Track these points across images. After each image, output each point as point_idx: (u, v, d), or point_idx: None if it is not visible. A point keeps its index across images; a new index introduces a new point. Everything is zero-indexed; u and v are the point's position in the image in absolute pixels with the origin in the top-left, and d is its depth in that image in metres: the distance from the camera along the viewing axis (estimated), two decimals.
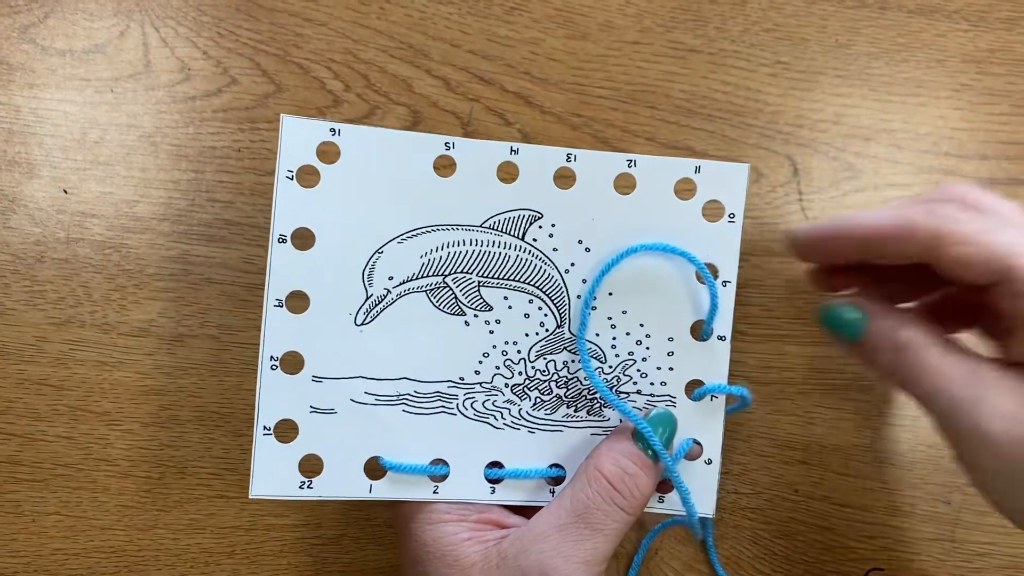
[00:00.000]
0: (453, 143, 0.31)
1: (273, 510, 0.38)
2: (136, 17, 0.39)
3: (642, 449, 0.31)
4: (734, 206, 0.32)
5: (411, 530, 0.31)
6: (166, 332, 0.38)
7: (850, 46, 0.40)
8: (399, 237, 0.32)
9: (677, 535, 0.39)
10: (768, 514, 0.39)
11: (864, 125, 0.40)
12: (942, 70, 0.40)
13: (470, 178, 0.32)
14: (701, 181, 0.32)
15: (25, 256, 0.38)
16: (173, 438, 0.38)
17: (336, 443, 0.31)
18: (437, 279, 0.32)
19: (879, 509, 0.39)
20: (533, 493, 0.33)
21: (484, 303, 0.32)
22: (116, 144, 0.39)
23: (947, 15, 0.41)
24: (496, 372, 0.32)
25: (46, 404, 0.38)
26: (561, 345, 0.33)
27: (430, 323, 0.32)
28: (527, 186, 0.32)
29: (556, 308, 0.33)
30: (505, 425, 0.33)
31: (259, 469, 0.31)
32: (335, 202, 0.31)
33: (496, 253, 0.32)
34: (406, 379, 0.32)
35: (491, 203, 0.32)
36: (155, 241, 0.38)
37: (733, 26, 0.40)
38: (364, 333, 0.31)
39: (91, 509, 0.38)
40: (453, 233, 0.32)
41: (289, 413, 0.31)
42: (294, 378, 0.31)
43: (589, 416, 0.33)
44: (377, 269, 0.32)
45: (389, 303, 0.32)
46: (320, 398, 0.31)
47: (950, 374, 0.28)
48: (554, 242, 0.32)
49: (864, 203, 0.40)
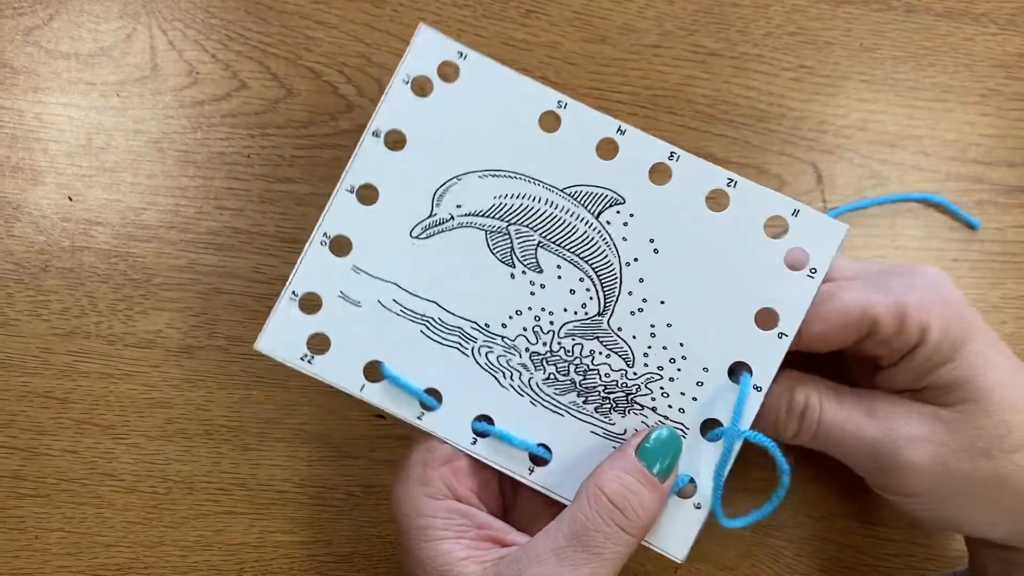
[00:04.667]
0: (566, 103, 0.31)
1: (283, 526, 0.37)
2: (143, 19, 0.38)
3: (647, 467, 0.30)
4: (819, 262, 0.31)
5: (409, 547, 0.30)
6: (173, 343, 0.37)
7: (875, 50, 0.39)
8: (481, 172, 0.32)
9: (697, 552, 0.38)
10: (790, 532, 0.38)
11: (889, 131, 0.39)
12: (969, 75, 0.39)
13: (569, 142, 0.31)
14: (795, 224, 0.31)
15: (29, 265, 0.37)
16: (180, 452, 0.37)
17: (349, 334, 0.32)
18: (501, 224, 0.32)
19: (904, 527, 0.38)
20: (510, 462, 0.32)
21: (536, 263, 0.32)
22: (122, 150, 0.38)
23: (975, 18, 0.40)
24: (522, 333, 0.32)
25: (50, 417, 0.37)
26: (594, 333, 0.32)
27: (478, 262, 0.32)
28: (621, 169, 0.31)
29: (604, 295, 0.32)
30: (511, 386, 0.32)
31: (272, 327, 0.32)
32: (437, 118, 0.31)
33: (566, 221, 0.32)
34: (436, 304, 0.32)
35: (580, 172, 0.31)
36: (162, 250, 0.37)
37: (756, 29, 0.39)
38: (415, 247, 0.32)
39: (96, 525, 0.37)
40: (532, 187, 0.32)
41: (319, 289, 0.32)
42: (337, 260, 0.32)
43: (596, 413, 0.32)
44: (450, 193, 0.32)
45: (448, 228, 0.32)
46: (352, 288, 0.32)
47: (855, 420, 0.30)
48: (626, 231, 0.31)
49: (890, 211, 0.39)
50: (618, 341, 0.32)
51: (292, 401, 0.38)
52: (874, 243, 0.39)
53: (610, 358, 0.32)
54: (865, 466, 0.31)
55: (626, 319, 0.32)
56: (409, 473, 0.31)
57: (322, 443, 0.38)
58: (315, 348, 0.32)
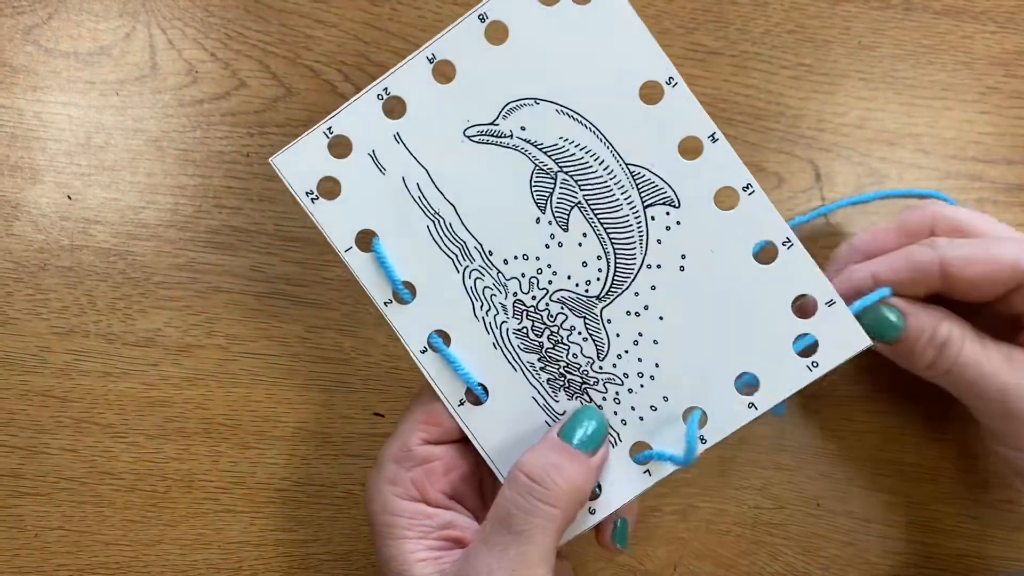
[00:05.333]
0: (677, 83, 0.30)
1: (283, 525, 0.37)
2: (142, 18, 0.38)
3: (567, 441, 0.30)
4: (824, 358, 0.30)
5: (375, 541, 0.30)
6: (172, 342, 0.37)
7: (874, 48, 0.39)
8: (562, 107, 0.30)
9: (696, 551, 0.38)
10: (790, 529, 0.38)
11: (889, 129, 0.39)
12: (969, 73, 0.39)
13: (660, 122, 0.30)
14: (824, 313, 0.30)
15: (28, 264, 0.37)
16: (179, 451, 0.37)
17: (361, 194, 0.31)
18: (553, 166, 0.30)
19: (904, 525, 0.38)
20: (447, 387, 0.31)
21: (566, 220, 0.31)
22: (121, 149, 0.38)
23: (974, 16, 0.40)
24: (518, 277, 0.31)
25: (49, 416, 0.37)
26: (584, 312, 0.31)
27: (513, 191, 0.31)
28: (693, 174, 0.30)
29: (612, 283, 0.31)
30: (483, 319, 0.31)
31: (295, 150, 0.31)
32: (548, 31, 0.30)
33: (614, 195, 0.30)
34: (454, 208, 0.31)
35: (653, 156, 0.30)
36: (161, 248, 0.37)
37: (755, 28, 0.39)
38: (462, 145, 0.31)
39: (96, 524, 0.37)
40: (601, 146, 0.30)
41: (355, 138, 0.31)
42: (385, 119, 0.31)
43: (546, 384, 0.31)
44: (521, 112, 0.30)
45: (502, 144, 0.31)
46: (385, 153, 0.31)
47: (994, 363, 0.30)
48: (664, 235, 0.30)
49: (889, 209, 0.39)
50: (601, 331, 0.31)
51: (291, 399, 0.38)
52: None
53: (586, 342, 0.31)
54: (990, 411, 0.31)
55: (619, 315, 0.31)
56: (381, 470, 0.31)
57: (321, 442, 0.38)
58: (323, 191, 0.31)
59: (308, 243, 0.38)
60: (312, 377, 0.38)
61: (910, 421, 0.38)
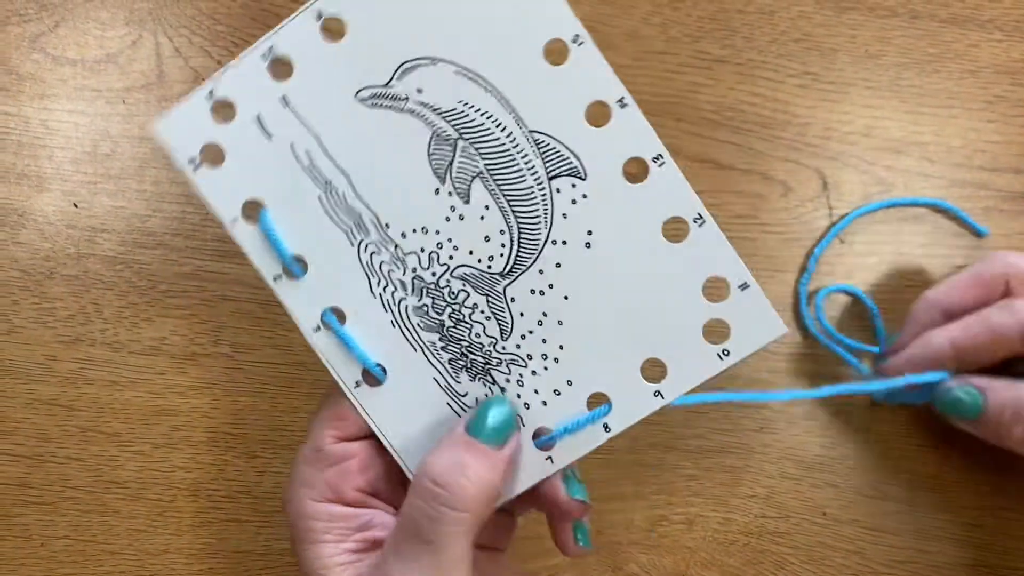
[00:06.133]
0: (583, 42, 0.27)
1: (288, 534, 0.37)
2: (149, 26, 0.38)
3: (475, 437, 0.28)
4: (736, 347, 0.28)
5: (295, 546, 0.29)
6: (178, 351, 0.37)
7: (880, 56, 0.39)
8: (461, 68, 0.28)
9: (703, 560, 0.38)
10: (796, 538, 0.38)
11: (895, 138, 0.39)
12: (975, 81, 0.39)
13: (565, 84, 0.27)
14: (737, 298, 0.28)
15: (34, 272, 0.37)
16: (185, 460, 0.37)
17: (246, 162, 0.28)
18: (452, 133, 0.28)
19: (910, 533, 0.38)
20: (342, 368, 0.30)
21: (467, 192, 0.28)
22: (128, 157, 0.38)
23: (980, 24, 0.40)
24: (417, 252, 0.29)
25: (55, 425, 0.37)
26: (486, 290, 0.29)
27: (410, 159, 0.28)
28: (601, 143, 0.28)
29: (515, 260, 0.29)
30: (380, 296, 0.29)
31: (175, 115, 0.28)
32: None
33: (517, 164, 0.28)
34: (347, 177, 0.29)
35: (557, 123, 0.28)
36: (168, 257, 0.37)
37: (761, 36, 0.39)
38: (354, 109, 0.28)
39: (101, 533, 0.37)
40: (502, 112, 0.28)
41: (239, 101, 0.28)
42: (271, 81, 0.28)
43: (447, 364, 0.30)
44: (417, 73, 0.28)
45: (397, 108, 0.28)
46: (271, 118, 0.28)
47: None
48: (570, 209, 0.28)
49: (896, 218, 0.39)
50: (504, 310, 0.29)
51: (297, 408, 0.38)
52: (879, 249, 0.39)
53: (489, 321, 0.29)
54: None
55: (523, 294, 0.29)
56: (296, 474, 0.30)
57: None
58: (207, 158, 0.28)
59: None
60: (318, 386, 0.38)
61: (914, 430, 0.38)
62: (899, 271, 0.39)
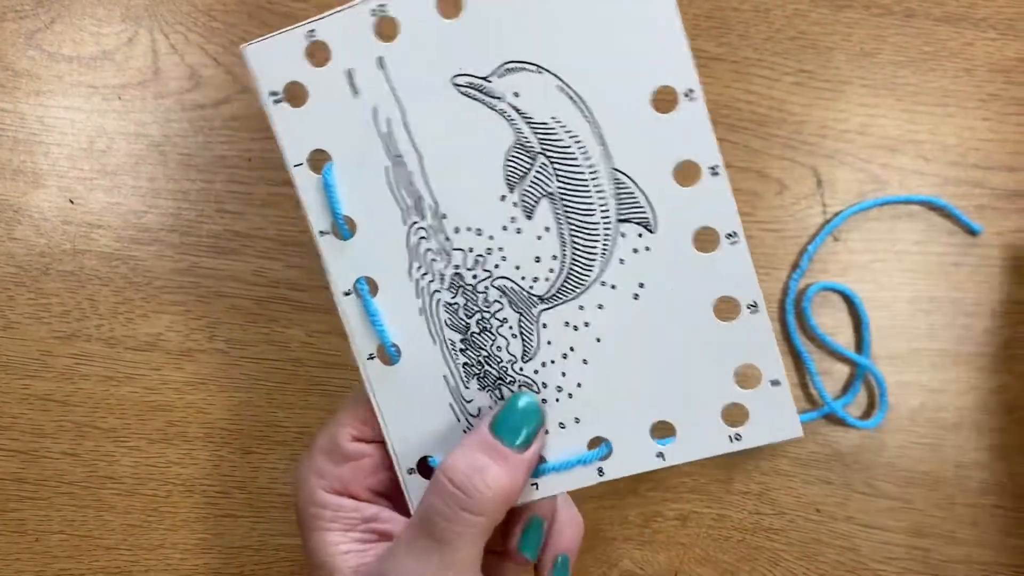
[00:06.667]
0: (696, 97, 0.26)
1: (284, 530, 0.37)
2: (145, 23, 0.38)
3: (500, 439, 0.28)
4: (748, 435, 0.28)
5: (302, 532, 0.30)
6: (174, 346, 0.37)
7: (876, 55, 0.39)
8: (567, 87, 0.27)
9: (697, 556, 0.38)
10: (790, 535, 0.38)
11: (890, 136, 0.39)
12: (969, 79, 0.40)
13: (668, 136, 0.27)
14: (763, 391, 0.28)
15: (30, 268, 0.37)
16: (181, 455, 0.37)
17: (326, 111, 0.28)
18: (535, 146, 0.27)
19: (903, 530, 0.38)
20: (361, 337, 0.29)
21: (532, 208, 0.28)
22: (124, 153, 0.38)
23: (974, 23, 0.40)
24: (465, 250, 0.28)
25: (51, 420, 0.37)
26: (521, 309, 0.29)
27: (487, 161, 0.28)
28: (681, 203, 0.27)
29: (559, 289, 0.28)
30: (415, 281, 0.29)
31: (270, 44, 0.28)
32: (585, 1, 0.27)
33: (591, 199, 0.28)
34: (420, 158, 0.28)
35: (645, 171, 0.27)
36: (163, 253, 0.37)
37: (756, 34, 0.39)
38: (446, 91, 0.27)
39: (96, 528, 0.37)
40: (593, 143, 0.27)
41: (336, 49, 0.27)
42: (373, 39, 0.27)
43: (461, 368, 0.29)
44: (520, 75, 0.27)
45: (488, 104, 0.27)
46: (364, 76, 0.28)
47: None
48: (630, 256, 0.28)
49: (890, 215, 0.39)
50: (533, 333, 0.29)
51: (292, 404, 0.38)
52: (874, 247, 0.39)
53: (514, 339, 0.29)
54: None
55: (557, 324, 0.29)
56: (310, 460, 0.30)
57: None
58: (289, 95, 0.28)
59: (310, 248, 0.37)
60: (314, 382, 0.38)
61: (908, 427, 0.38)
62: (893, 268, 0.39)
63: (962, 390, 0.38)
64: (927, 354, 0.38)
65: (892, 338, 0.38)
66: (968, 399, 0.38)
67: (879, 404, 0.38)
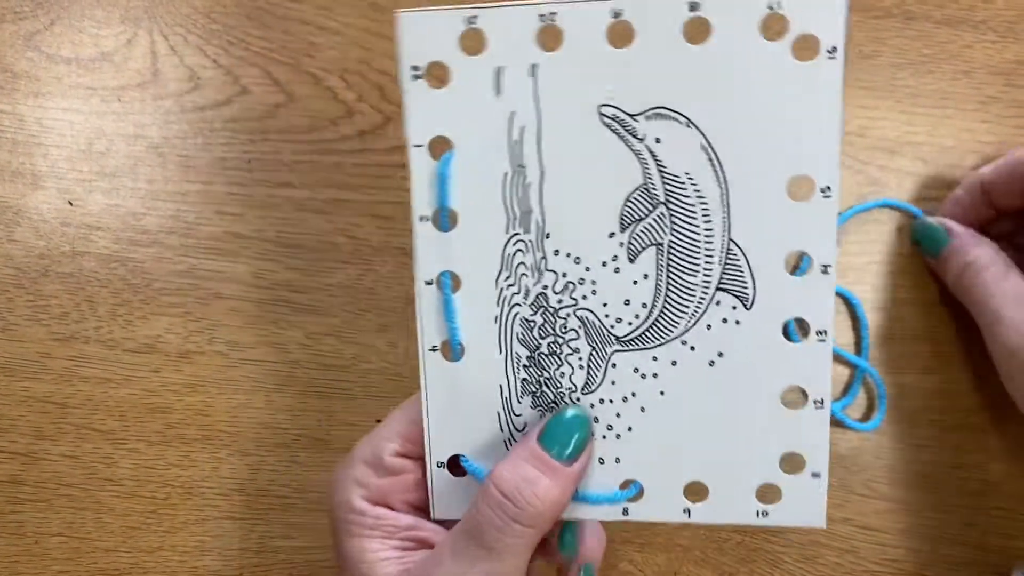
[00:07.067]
0: (831, 196, 0.27)
1: (283, 532, 0.37)
2: (144, 24, 0.38)
3: (548, 451, 0.28)
4: (778, 515, 0.29)
5: (336, 537, 0.30)
6: (173, 348, 0.37)
7: (875, 57, 0.39)
8: (709, 145, 0.27)
9: (696, 558, 0.38)
10: (790, 537, 0.38)
11: (889, 138, 0.39)
12: (968, 82, 0.40)
13: (791, 231, 0.28)
14: (800, 479, 0.29)
15: (29, 270, 0.37)
16: (180, 457, 0.37)
17: (463, 97, 0.28)
18: (660, 195, 0.28)
19: (902, 532, 0.38)
20: (430, 327, 0.29)
21: (636, 253, 0.28)
22: (123, 155, 0.38)
23: (974, 26, 0.40)
24: (556, 272, 0.29)
25: (50, 422, 0.37)
26: (594, 345, 0.29)
27: (607, 192, 0.28)
28: (786, 294, 0.28)
29: (639, 336, 0.29)
30: (499, 289, 0.29)
31: (427, 17, 0.27)
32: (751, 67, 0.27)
33: (699, 259, 0.28)
34: (541, 173, 0.28)
35: (760, 252, 0.28)
36: (162, 255, 0.37)
37: None
38: (588, 116, 0.28)
39: (95, 530, 0.37)
40: (718, 208, 0.28)
41: (494, 38, 0.27)
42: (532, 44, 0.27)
43: (519, 384, 0.30)
44: (665, 124, 0.27)
45: (626, 140, 0.28)
46: (513, 77, 0.28)
47: (1001, 292, 0.33)
48: (720, 326, 0.28)
49: (889, 217, 0.39)
50: (600, 369, 0.30)
51: (291, 406, 0.38)
52: (871, 248, 0.39)
53: (580, 370, 0.30)
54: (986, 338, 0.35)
55: (626, 367, 0.29)
56: (351, 467, 0.30)
57: (321, 449, 0.38)
58: (430, 74, 0.28)
59: (309, 250, 0.38)
60: (312, 384, 0.38)
61: (907, 429, 0.39)
62: (891, 271, 0.39)
63: (961, 392, 0.38)
64: (926, 356, 0.38)
65: (891, 340, 0.38)
66: (967, 401, 0.38)
67: (878, 406, 0.38)
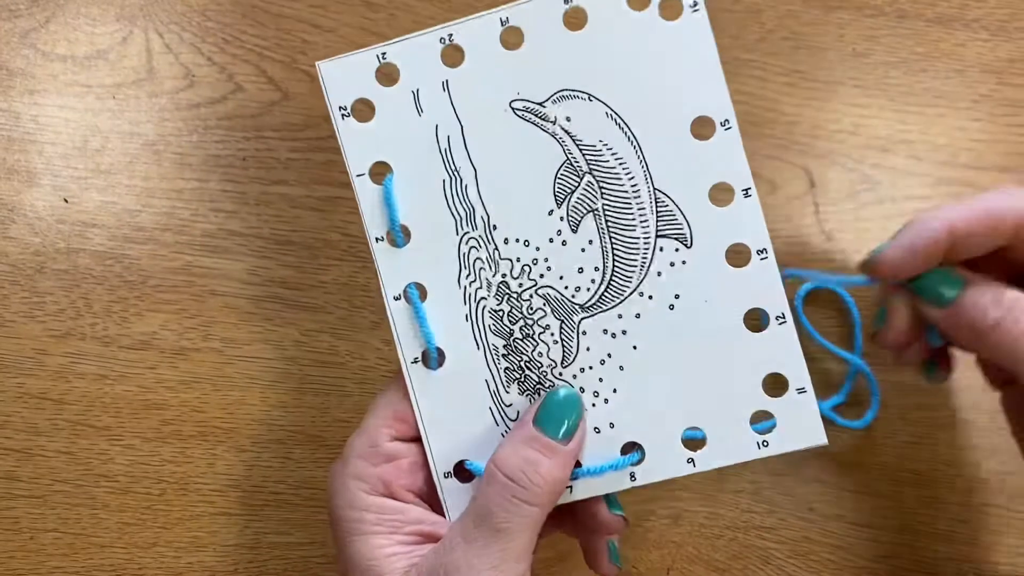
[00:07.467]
0: (731, 127, 0.30)
1: (278, 528, 0.38)
2: (139, 22, 0.38)
3: (545, 432, 0.29)
4: (776, 441, 0.30)
5: (339, 538, 0.30)
6: (168, 345, 0.37)
7: (868, 55, 0.40)
8: (613, 112, 0.30)
9: (689, 555, 0.38)
10: (782, 533, 0.38)
11: (882, 136, 0.39)
12: (961, 80, 0.40)
13: (706, 166, 0.30)
14: (788, 398, 0.29)
15: (24, 267, 0.37)
16: (175, 454, 0.37)
17: (391, 124, 0.30)
18: (583, 166, 0.30)
19: (895, 529, 0.38)
20: (407, 339, 0.31)
21: (577, 223, 0.30)
22: (118, 152, 0.38)
23: (966, 24, 0.40)
24: (511, 259, 0.31)
25: (45, 418, 0.37)
26: (562, 315, 0.31)
27: (537, 175, 0.30)
28: (720, 218, 0.30)
29: (600, 298, 0.30)
30: (463, 288, 0.31)
31: (347, 63, 0.30)
32: (631, 37, 0.30)
33: (633, 213, 0.30)
34: (475, 172, 0.30)
35: (685, 193, 0.30)
36: (157, 252, 0.38)
37: (749, 35, 0.39)
38: (504, 115, 0.30)
39: (90, 526, 0.37)
40: (637, 165, 0.30)
41: (405, 72, 0.30)
42: (440, 64, 0.30)
43: (502, 372, 0.31)
44: (572, 103, 0.30)
45: (542, 127, 0.30)
46: (428, 96, 0.30)
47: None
48: (667, 270, 0.30)
49: (882, 215, 0.39)
50: (573, 340, 0.31)
51: (286, 403, 0.38)
52: (864, 246, 0.39)
53: (555, 345, 0.31)
54: None
55: (596, 331, 0.30)
56: (347, 465, 0.30)
57: (316, 445, 0.38)
58: (357, 111, 0.30)
59: (304, 247, 0.38)
60: (307, 380, 0.38)
61: (900, 426, 0.39)
62: None
63: (953, 389, 0.38)
64: None
65: None
66: (959, 398, 0.38)
67: (870, 403, 0.38)
